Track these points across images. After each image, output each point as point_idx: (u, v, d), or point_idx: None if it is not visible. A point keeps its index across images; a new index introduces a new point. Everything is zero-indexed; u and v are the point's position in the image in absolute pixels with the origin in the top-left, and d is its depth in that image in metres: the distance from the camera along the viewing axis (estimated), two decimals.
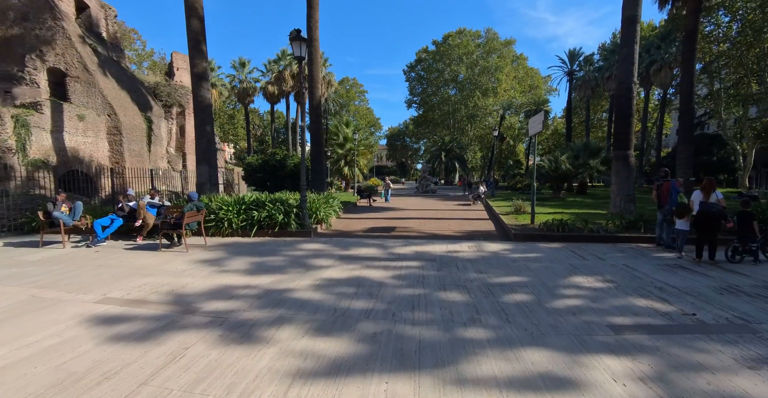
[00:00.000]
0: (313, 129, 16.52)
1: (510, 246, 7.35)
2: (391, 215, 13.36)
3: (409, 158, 79.65)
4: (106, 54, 19.03)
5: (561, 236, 7.98)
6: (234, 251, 7.23)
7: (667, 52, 36.92)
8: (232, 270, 5.74)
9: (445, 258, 6.32)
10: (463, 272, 5.43)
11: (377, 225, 10.57)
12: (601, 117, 60.94)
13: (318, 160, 16.34)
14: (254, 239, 8.53)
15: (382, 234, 8.97)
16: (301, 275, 5.33)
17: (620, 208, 11.98)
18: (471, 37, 57.38)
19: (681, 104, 15.94)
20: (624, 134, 12.14)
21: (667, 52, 36.95)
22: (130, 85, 19.48)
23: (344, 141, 29.76)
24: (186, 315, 3.91)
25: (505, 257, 6.44)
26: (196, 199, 8.32)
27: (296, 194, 11.52)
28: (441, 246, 7.34)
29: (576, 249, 7.11)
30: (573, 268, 5.71)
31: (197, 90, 12.45)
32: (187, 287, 4.92)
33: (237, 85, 46.83)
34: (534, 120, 9.40)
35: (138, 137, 18.36)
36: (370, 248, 7.18)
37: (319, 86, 16.33)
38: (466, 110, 57.54)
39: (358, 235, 8.93)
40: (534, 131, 9.33)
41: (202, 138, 12.70)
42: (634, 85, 11.87)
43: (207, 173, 12.65)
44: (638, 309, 3.96)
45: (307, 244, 7.77)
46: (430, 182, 30.74)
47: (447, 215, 13.23)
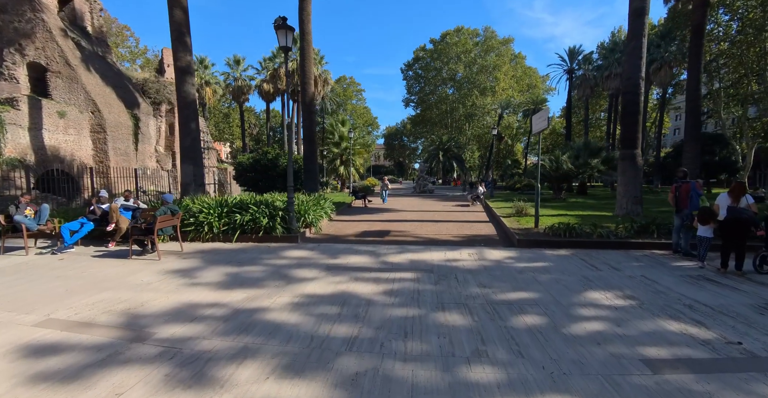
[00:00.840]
0: (306, 127, 15.85)
1: (514, 254, 6.72)
2: (386, 216, 12.72)
3: (407, 158, 79.04)
4: (90, 49, 18.27)
5: (568, 242, 7.36)
6: (211, 259, 6.56)
7: (666, 51, 36.47)
8: (203, 283, 5.08)
9: (444, 268, 5.67)
10: (463, 286, 4.79)
11: (371, 228, 9.92)
12: (599, 117, 60.56)
13: (310, 159, 15.68)
14: (236, 244, 7.86)
15: (376, 239, 8.32)
16: (280, 290, 4.68)
17: (627, 210, 11.39)
18: (469, 35, 56.76)
19: (687, 101, 15.38)
20: (631, 133, 11.55)
21: (667, 50, 36.50)
22: (116, 81, 18.73)
23: (340, 140, 29.10)
24: (134, 344, 3.25)
25: (510, 267, 5.80)
26: (171, 201, 7.64)
27: (286, 195, 10.87)
28: (439, 254, 6.70)
29: (586, 257, 6.49)
30: (587, 281, 5.08)
31: (181, 85, 11.75)
32: (146, 305, 4.26)
33: (232, 83, 46.08)
34: (538, 117, 8.78)
35: (124, 135, 17.63)
36: (360, 256, 6.53)
37: (311, 82, 15.67)
38: (464, 109, 56.95)
39: (349, 240, 8.28)
40: (538, 129, 8.71)
41: (187, 136, 12.01)
42: (642, 80, 11.27)
43: (192, 173, 11.97)
44: (672, 337, 3.33)
45: (293, 251, 7.11)
46: (427, 181, 30.11)
47: (445, 216, 12.60)
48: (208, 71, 44.26)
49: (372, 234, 8.94)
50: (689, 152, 15.21)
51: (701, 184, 6.82)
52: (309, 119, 15.71)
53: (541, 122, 8.62)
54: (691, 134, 15.14)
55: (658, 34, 38.93)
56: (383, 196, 18.75)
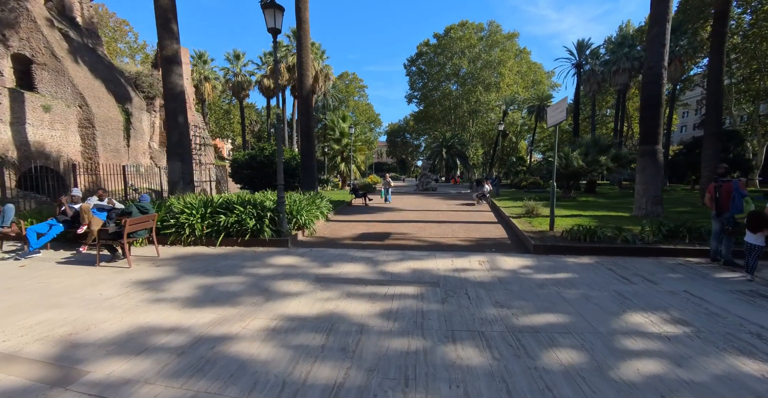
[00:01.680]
0: (303, 121, 15.06)
1: (531, 262, 5.92)
2: (387, 216, 11.93)
3: (410, 155, 78.14)
4: (79, 40, 17.53)
5: (590, 248, 6.55)
6: (187, 267, 5.80)
7: (677, 45, 35.41)
8: (169, 299, 4.32)
9: (452, 281, 4.88)
10: (476, 305, 4.00)
11: (370, 230, 9.14)
12: (605, 114, 59.42)
13: (308, 155, 14.89)
14: (219, 249, 7.10)
15: (374, 243, 7.53)
16: (256, 310, 3.91)
17: (646, 211, 10.56)
18: (474, 29, 55.64)
19: (708, 94, 14.46)
20: (652, 127, 10.68)
21: (677, 44, 35.44)
22: (106, 74, 17.99)
23: (341, 136, 28.29)
24: (53, 391, 2.50)
25: (529, 279, 5.00)
26: (148, 201, 6.89)
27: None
28: (445, 262, 5.90)
29: (614, 267, 5.68)
30: (622, 298, 4.28)
31: (167, 76, 10.97)
32: (93, 329, 3.51)
33: (231, 79, 45.30)
34: (554, 108, 7.94)
35: (114, 130, 16.90)
36: (356, 265, 5.74)
37: (309, 74, 14.85)
38: (467, 105, 55.98)
39: (345, 244, 7.49)
40: (555, 121, 7.87)
41: (174, 130, 11.24)
42: (665, 70, 10.40)
43: (179, 170, 11.21)
44: (756, 385, 2.53)
45: (280, 257, 6.34)
46: (430, 179, 29.26)
47: (450, 217, 11.80)
48: (208, 66, 43.53)
49: (371, 237, 8.16)
50: (709, 148, 14.30)
51: (744, 183, 5.97)
52: (307, 113, 14.91)
53: (558, 114, 7.78)
54: (711, 130, 14.22)
55: None
56: (385, 194, 17.73)
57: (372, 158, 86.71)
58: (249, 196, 8.47)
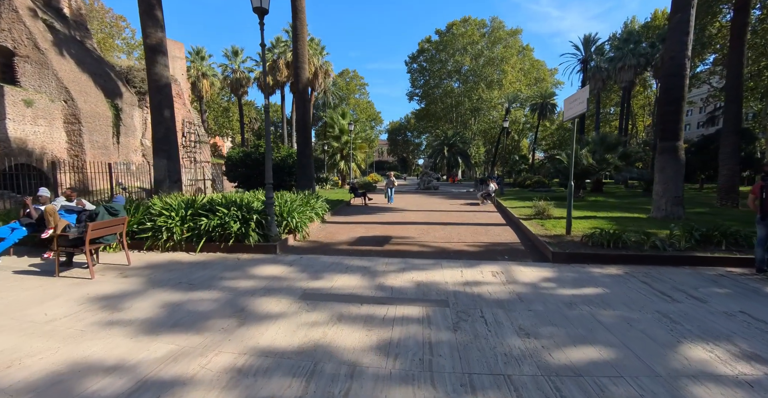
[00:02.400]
0: (300, 116, 14.30)
1: (552, 273, 5.16)
2: (387, 217, 11.18)
3: (411, 154, 77.35)
4: (66, 32, 16.77)
5: (616, 256, 5.79)
6: (158, 278, 5.07)
7: None
8: (124, 322, 3.59)
9: (463, 298, 4.13)
10: (496, 333, 3.25)
11: (369, 233, 8.39)
12: (608, 112, 58.58)
13: (304, 153, 14.13)
14: (199, 256, 6.36)
15: (373, 249, 6.79)
16: (224, 340, 3.17)
17: (666, 212, 9.80)
18: (476, 26, 54.76)
19: (728, 88, 13.68)
20: (672, 122, 9.91)
21: None
22: (95, 68, 17.23)
23: (340, 133, 27.52)
24: None
25: (553, 296, 4.25)
26: (122, 203, 6.16)
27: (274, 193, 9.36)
28: (453, 273, 5.15)
29: (647, 279, 4.92)
30: (670, 322, 3.53)
31: (152, 66, 10.23)
32: (18, 364, 2.78)
33: (230, 76, 44.56)
34: (573, 99, 7.17)
35: (102, 126, 16.16)
36: (351, 276, 4.99)
37: (305, 67, 14.07)
38: (469, 102, 55.15)
39: (340, 250, 6.75)
40: (573, 113, 7.11)
41: (160, 125, 10.50)
42: (688, 60, 9.61)
43: (165, 168, 10.48)
44: None
45: (265, 266, 5.60)
46: (432, 177, 28.48)
47: (455, 218, 11.05)
48: (205, 63, 42.79)
49: (369, 242, 7.41)
50: (728, 146, 13.52)
51: None
52: (303, 108, 14.14)
53: (576, 106, 7.01)
54: (731, 126, 13.43)
55: None
56: (388, 194, 16.63)
57: (373, 157, 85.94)
58: (235, 196, 7.74)
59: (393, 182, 16.87)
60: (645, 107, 56.47)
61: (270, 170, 7.08)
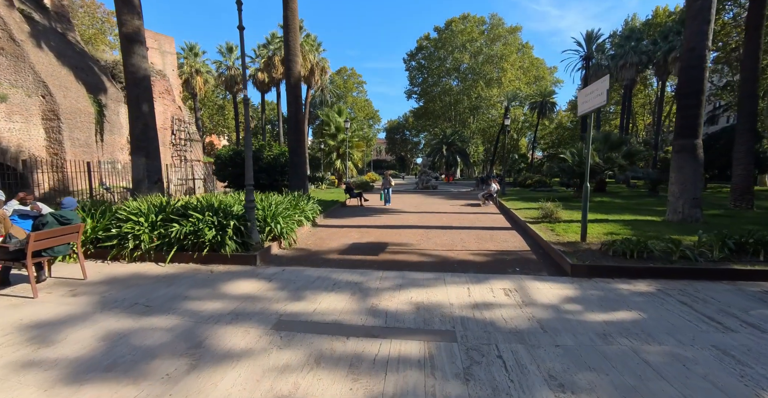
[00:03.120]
0: (292, 113, 13.52)
1: (573, 291, 4.43)
2: (384, 220, 10.44)
3: (409, 152, 76.62)
4: (46, 23, 15.91)
5: (643, 270, 5.05)
6: (113, 296, 4.31)
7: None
8: (48, 362, 2.83)
9: (473, 328, 3.38)
10: (520, 384, 2.50)
11: (363, 239, 7.65)
12: (608, 110, 57.95)
13: (297, 151, 13.37)
14: (169, 267, 5.59)
15: (367, 259, 6.04)
16: (163, 394, 2.42)
17: (684, 215, 9.10)
18: (475, 23, 54.01)
19: (742, 82, 12.98)
20: (691, 118, 9.20)
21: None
22: (77, 62, 16.39)
23: (336, 131, 26.74)
24: None
25: (582, 323, 3.51)
26: (73, 207, 5.38)
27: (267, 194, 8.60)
28: (459, 291, 4.40)
29: (686, 298, 4.20)
30: (734, 362, 2.80)
31: (128, 57, 9.44)
32: None
33: (225, 73, 43.64)
34: (589, 92, 6.44)
35: (84, 123, 15.33)
36: (338, 296, 4.24)
37: (298, 60, 13.29)
38: (468, 101, 54.43)
39: (328, 260, 5.99)
40: (590, 107, 6.38)
41: (138, 121, 9.72)
42: (708, 51, 8.90)
43: (144, 167, 9.71)
44: None
45: (240, 281, 4.84)
46: (431, 177, 27.76)
47: (456, 221, 10.31)
48: (199, 59, 41.84)
49: (363, 249, 6.66)
50: (742, 144, 12.81)
51: None
52: (296, 104, 13.37)
53: (594, 98, 6.28)
54: (745, 123, 12.72)
55: (678, 21, 36.63)
56: (385, 196, 15.25)
57: (371, 155, 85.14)
58: (214, 199, 6.98)
59: (390, 181, 15.62)
60: (645, 106, 55.95)
61: (250, 169, 6.31)
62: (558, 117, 60.69)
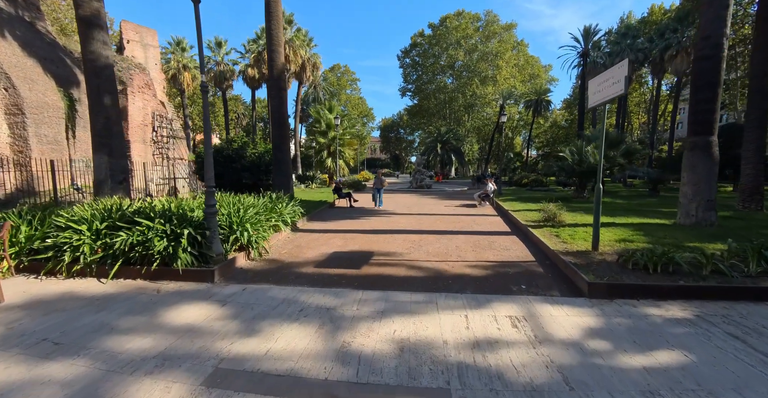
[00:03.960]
0: (275, 107, 12.59)
1: (595, 319, 3.60)
2: (372, 224, 9.58)
3: (403, 151, 75.80)
4: (12, 11, 14.79)
5: (672, 289, 4.25)
6: (21, 329, 3.41)
7: (684, 36, 33.74)
8: None
9: (473, 382, 2.53)
10: None
11: (346, 247, 6.79)
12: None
13: (280, 148, 12.45)
14: (111, 285, 4.69)
15: (346, 273, 5.18)
16: None
17: (697, 218, 8.37)
18: (470, 19, 53.24)
19: (752, 77, 12.28)
20: (705, 113, 8.46)
21: (684, 35, 33.77)
22: (46, 53, 15.30)
23: (327, 128, 25.79)
24: None
25: (616, 372, 2.68)
26: None
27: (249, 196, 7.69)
28: (455, 320, 3.55)
29: (736, 329, 3.39)
30: None
31: (87, 43, 8.47)
32: None
33: (213, 68, 42.41)
34: (604, 79, 5.62)
35: (52, 118, 14.26)
36: (301, 330, 3.36)
37: (281, 50, 12.36)
38: (463, 98, 53.70)
39: (300, 276, 5.11)
40: (604, 97, 5.57)
41: (98, 114, 8.78)
42: (726, 39, 8.15)
43: (106, 166, 8.75)
44: None
45: (188, 306, 3.96)
46: (425, 175, 26.94)
47: (451, 224, 9.49)
48: (186, 54, 40.59)
49: (343, 261, 5.80)
50: (752, 141, 12.14)
51: None
52: (278, 97, 12.44)
53: (609, 87, 5.46)
54: (755, 120, 12.03)
55: (674, 18, 36.22)
56: (376, 197, 13.88)
57: (365, 154, 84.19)
58: (173, 202, 6.07)
59: (383, 181, 14.41)
60: (641, 105, 55.66)
61: (211, 168, 5.41)
62: (553, 116, 60.18)
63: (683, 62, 33.76)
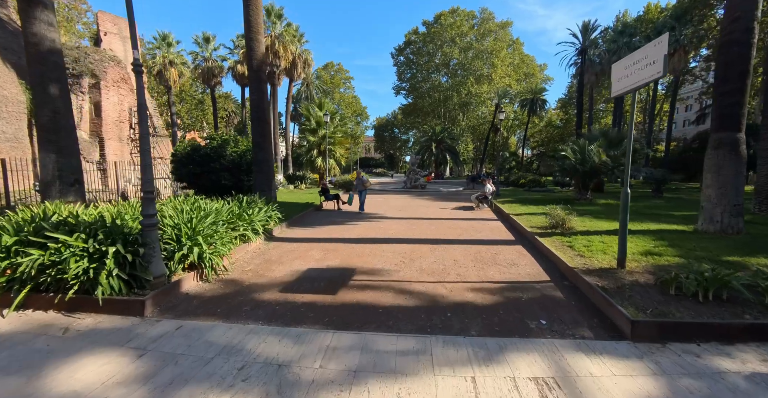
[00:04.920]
0: (255, 101, 11.49)
1: (654, 384, 2.57)
2: (359, 231, 8.54)
3: (398, 150, 74.78)
4: None
5: (739, 328, 3.26)
6: None
7: (682, 34, 33.08)
8: None
9: None
10: None
11: (323, 262, 5.73)
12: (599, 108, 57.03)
13: (261, 146, 11.35)
14: (12, 318, 3.59)
15: (317, 300, 4.12)
16: None
17: (723, 224, 7.43)
18: (465, 17, 52.32)
19: (766, 73, 11.44)
20: (732, 106, 7.52)
21: (682, 33, 33.11)
22: (7, 42, 14.05)
23: (317, 126, 24.66)
24: None
25: None
26: None
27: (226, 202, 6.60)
28: (457, 386, 2.51)
29: None
30: None
31: (28, 24, 7.32)
32: None
33: (201, 64, 41.04)
34: (632, 62, 4.63)
35: (11, 114, 13.02)
36: None
37: (260, 39, 11.26)
38: (458, 97, 52.75)
39: (259, 305, 4.03)
40: (632, 83, 4.58)
41: (44, 106, 7.63)
42: (757, 23, 7.22)
43: (54, 166, 7.61)
44: None
45: (94, 356, 2.88)
46: (419, 175, 25.95)
47: (447, 231, 8.47)
48: (173, 49, 39.15)
49: (317, 282, 4.74)
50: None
51: None
52: (258, 90, 11.34)
53: (641, 70, 4.47)
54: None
55: (672, 16, 35.55)
56: (356, 198, 12.75)
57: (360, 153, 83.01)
58: (111, 210, 4.98)
59: (365, 181, 12.74)
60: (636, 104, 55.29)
61: (149, 169, 4.33)
62: (548, 115, 59.51)
63: (681, 61, 33.20)
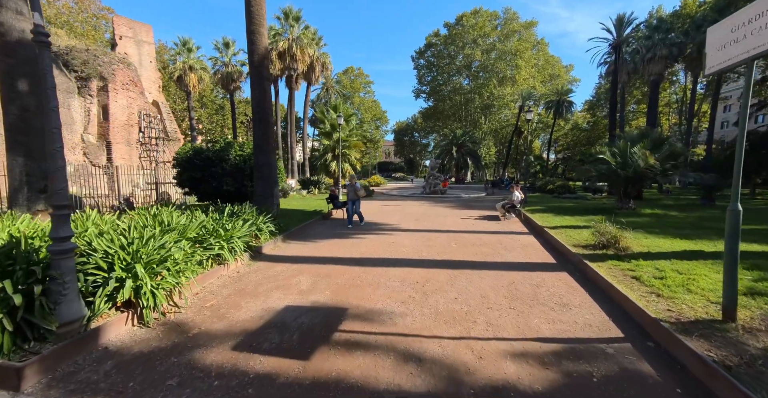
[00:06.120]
0: (256, 99, 10.45)
1: None
2: (364, 248, 7.23)
3: (418, 155, 73.35)
4: None
5: None
6: None
7: None
8: None
9: None
10: None
11: (307, 297, 4.45)
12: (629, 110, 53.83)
13: (262, 148, 10.27)
14: None
15: (278, 373, 2.83)
16: None
17: None
18: (488, 18, 50.65)
19: None
20: None
21: None
22: None
23: (331, 129, 23.66)
24: None
25: None
26: None
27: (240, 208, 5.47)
28: None
29: None
30: None
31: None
32: None
33: (221, 69, 41.08)
34: (752, 15, 3.19)
35: None
36: None
37: (263, 31, 10.24)
38: (480, 100, 50.97)
39: (193, 377, 2.81)
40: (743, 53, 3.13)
41: (11, 104, 6.75)
42: None
43: (21, 170, 6.71)
44: None
45: None
46: (439, 180, 24.52)
47: (471, 250, 7.05)
48: (193, 55, 39.33)
49: (290, 334, 3.42)
50: None
51: None
52: (260, 87, 10.30)
53: (757, 36, 3.01)
54: None
55: (714, 8, 32.71)
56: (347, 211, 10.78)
57: (380, 157, 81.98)
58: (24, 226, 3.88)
59: (358, 189, 10.47)
60: (671, 105, 51.81)
61: (63, 178, 3.18)
62: (574, 118, 56.72)
63: None
